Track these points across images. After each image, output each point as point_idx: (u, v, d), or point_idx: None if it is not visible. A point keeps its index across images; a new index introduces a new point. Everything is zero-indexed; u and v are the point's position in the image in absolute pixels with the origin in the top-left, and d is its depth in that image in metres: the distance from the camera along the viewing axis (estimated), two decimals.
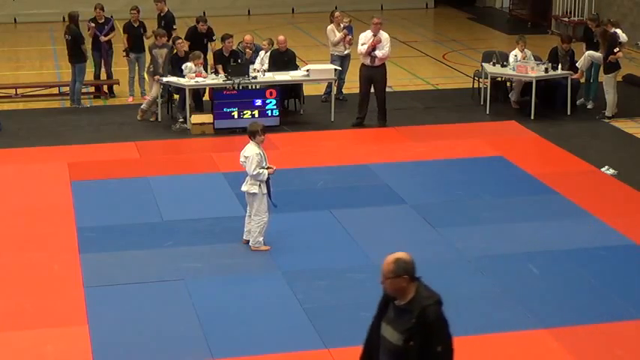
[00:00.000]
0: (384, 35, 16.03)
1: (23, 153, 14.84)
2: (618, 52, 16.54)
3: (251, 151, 10.67)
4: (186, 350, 8.82)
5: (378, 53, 15.92)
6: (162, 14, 18.32)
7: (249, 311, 9.52)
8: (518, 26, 25.97)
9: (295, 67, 17.07)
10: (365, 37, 16.02)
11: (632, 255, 10.90)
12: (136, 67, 18.00)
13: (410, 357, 5.93)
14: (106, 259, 10.79)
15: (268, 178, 10.76)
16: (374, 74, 16.09)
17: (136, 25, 17.89)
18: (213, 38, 17.72)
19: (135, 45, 17.88)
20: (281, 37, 17.09)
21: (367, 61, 16.03)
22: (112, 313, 9.50)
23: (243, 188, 10.89)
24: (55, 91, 18.60)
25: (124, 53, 18.02)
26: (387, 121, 16.28)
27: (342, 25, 17.69)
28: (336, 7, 24.45)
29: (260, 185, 10.75)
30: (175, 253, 10.93)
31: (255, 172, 10.64)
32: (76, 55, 17.53)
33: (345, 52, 17.62)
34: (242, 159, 10.76)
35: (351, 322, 9.26)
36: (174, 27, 18.05)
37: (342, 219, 11.92)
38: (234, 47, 16.89)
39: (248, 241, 11.04)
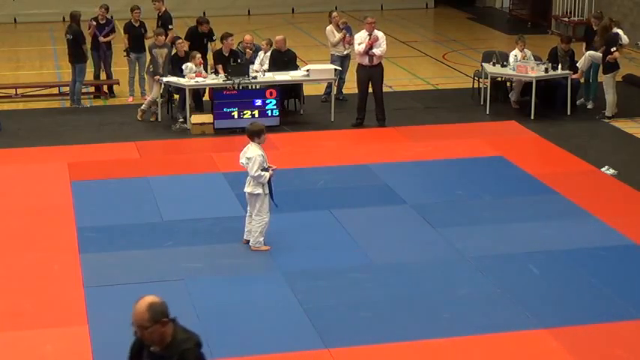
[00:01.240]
0: (379, 34, 16.04)
1: (23, 153, 14.84)
2: (615, 51, 16.51)
3: (253, 152, 10.64)
4: None
5: (377, 51, 15.92)
6: (159, 14, 18.32)
7: (249, 311, 9.51)
8: (518, 26, 25.98)
9: (295, 67, 17.07)
10: (360, 37, 16.03)
11: (632, 255, 10.89)
12: (136, 67, 17.99)
13: None
14: (106, 259, 10.79)
15: (270, 178, 10.75)
16: (373, 74, 16.08)
17: (136, 25, 17.89)
18: (213, 38, 17.72)
19: (135, 45, 17.87)
20: (279, 37, 17.09)
21: (365, 61, 16.03)
22: (112, 313, 9.48)
23: (247, 189, 10.85)
24: (55, 91, 18.60)
25: (125, 53, 18.02)
26: (386, 120, 16.27)
27: (341, 26, 17.68)
28: (336, 7, 24.48)
29: (263, 186, 10.74)
30: (175, 253, 10.93)
31: (257, 174, 10.62)
32: (76, 55, 17.52)
33: (345, 52, 17.63)
34: (243, 160, 10.72)
35: (351, 322, 9.28)
36: (170, 27, 18.00)
37: (342, 219, 11.92)
38: (234, 47, 16.89)
39: (248, 241, 11.03)
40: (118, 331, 9.08)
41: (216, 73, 16.46)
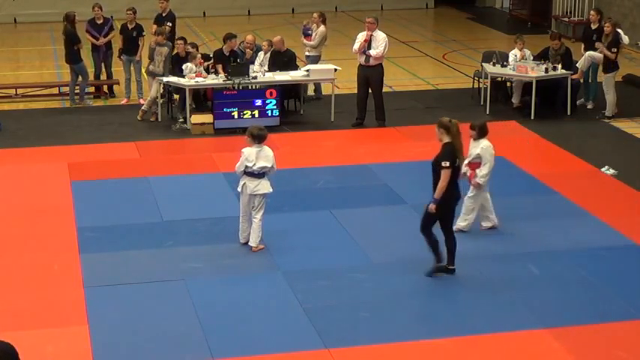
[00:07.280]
0: (380, 35, 15.99)
1: (23, 153, 14.84)
2: (615, 52, 16.49)
3: (270, 151, 10.76)
4: (186, 350, 8.82)
5: (371, 52, 15.90)
6: (164, 14, 18.28)
7: (249, 311, 9.52)
8: (518, 26, 25.96)
9: (295, 67, 17.07)
10: (362, 37, 16.03)
11: (632, 255, 10.90)
12: (131, 69, 17.80)
13: None
14: (106, 259, 10.79)
15: None
16: (369, 74, 16.05)
17: (130, 27, 17.67)
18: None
19: (128, 47, 17.63)
20: (276, 38, 17.08)
21: (362, 60, 16.04)
22: (112, 313, 9.50)
23: (263, 191, 10.77)
24: (55, 91, 18.60)
25: (118, 53, 17.94)
26: (385, 121, 16.26)
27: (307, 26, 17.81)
28: (336, 8, 24.49)
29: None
30: (175, 253, 10.93)
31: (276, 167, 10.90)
32: (70, 56, 17.49)
33: (311, 53, 17.69)
34: (265, 164, 10.69)
35: (351, 322, 9.28)
36: (169, 24, 17.94)
37: (342, 219, 11.92)
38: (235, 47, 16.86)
39: (246, 243, 11.02)
40: (118, 331, 9.15)
41: (216, 73, 16.46)
